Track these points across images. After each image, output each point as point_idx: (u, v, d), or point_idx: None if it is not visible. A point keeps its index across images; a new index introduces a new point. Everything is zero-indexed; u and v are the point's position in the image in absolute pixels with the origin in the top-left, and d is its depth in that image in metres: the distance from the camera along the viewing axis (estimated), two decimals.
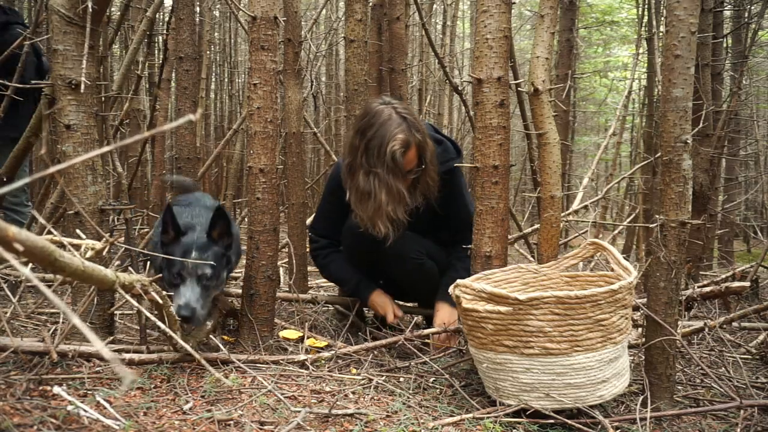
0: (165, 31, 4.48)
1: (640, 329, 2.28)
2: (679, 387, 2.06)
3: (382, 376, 2.03)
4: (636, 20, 6.77)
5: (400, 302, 2.84)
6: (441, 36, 8.09)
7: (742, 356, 2.41)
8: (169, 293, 2.01)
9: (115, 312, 2.31)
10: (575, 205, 4.48)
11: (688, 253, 3.24)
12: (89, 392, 1.67)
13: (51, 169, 0.59)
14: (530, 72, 2.20)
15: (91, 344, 1.89)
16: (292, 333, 2.44)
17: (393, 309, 2.56)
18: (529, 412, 1.72)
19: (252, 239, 2.27)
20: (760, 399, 1.91)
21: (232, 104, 9.49)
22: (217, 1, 8.31)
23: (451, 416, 1.72)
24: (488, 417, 1.71)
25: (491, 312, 1.71)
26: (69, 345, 1.87)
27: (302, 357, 2.11)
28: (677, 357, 1.99)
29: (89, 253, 1.52)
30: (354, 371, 2.07)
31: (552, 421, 1.70)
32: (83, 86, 1.98)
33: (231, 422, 1.57)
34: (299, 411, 1.62)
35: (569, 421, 1.68)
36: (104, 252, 1.63)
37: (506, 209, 2.18)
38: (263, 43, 2.18)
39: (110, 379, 1.78)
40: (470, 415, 1.73)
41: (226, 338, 2.35)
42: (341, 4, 7.92)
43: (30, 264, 1.83)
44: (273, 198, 2.27)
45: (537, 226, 2.62)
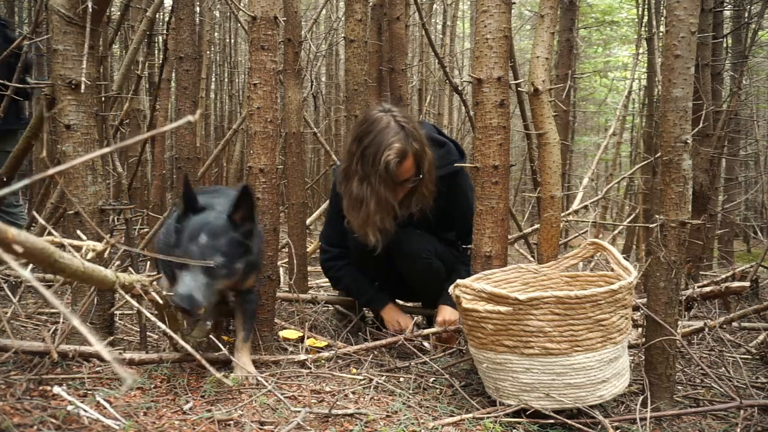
0: (165, 31, 4.48)
1: (640, 329, 2.28)
2: (679, 387, 2.06)
3: (382, 376, 2.03)
4: (636, 20, 6.77)
5: (401, 301, 2.84)
6: (441, 36, 8.08)
7: (742, 356, 2.41)
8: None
9: (115, 312, 2.31)
10: (575, 205, 4.48)
11: (688, 253, 3.24)
12: (89, 392, 1.67)
13: (51, 170, 0.59)
14: (530, 72, 2.20)
15: (91, 344, 1.89)
16: (292, 333, 2.44)
17: (404, 324, 2.53)
18: (529, 412, 1.72)
19: None
20: (760, 399, 1.91)
21: (232, 104, 9.49)
22: (217, 1, 8.31)
23: (451, 416, 1.72)
24: (488, 417, 1.71)
25: (491, 312, 1.71)
26: (69, 345, 1.87)
27: (302, 357, 2.11)
28: (677, 357, 1.99)
29: (90, 255, 1.52)
30: (354, 371, 2.07)
31: (552, 421, 1.70)
32: (83, 86, 1.98)
33: (231, 422, 1.57)
34: (299, 411, 1.62)
35: (569, 421, 1.68)
36: (105, 253, 1.63)
37: (506, 209, 2.18)
38: (263, 43, 2.18)
39: (110, 379, 1.78)
40: (470, 415, 1.73)
41: (226, 338, 2.35)
42: (341, 4, 7.91)
43: (30, 264, 1.83)
44: (273, 198, 2.27)
45: (537, 226, 2.62)
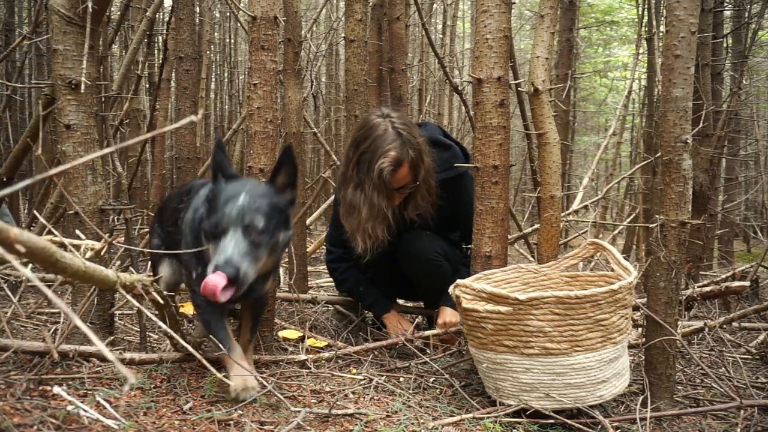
0: (165, 31, 4.48)
1: (640, 329, 2.28)
2: (679, 387, 2.06)
3: (382, 376, 2.03)
4: (636, 20, 6.77)
5: (402, 301, 2.84)
6: (441, 36, 8.08)
7: (742, 356, 2.41)
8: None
9: (115, 312, 2.31)
10: (575, 205, 4.48)
11: (688, 253, 3.24)
12: (89, 392, 1.67)
13: (52, 171, 0.60)
14: (530, 72, 2.20)
15: (91, 344, 1.89)
16: (292, 333, 2.44)
17: (404, 329, 2.52)
18: (529, 412, 1.72)
19: None
20: (760, 399, 1.91)
21: (232, 104, 9.48)
22: (217, 1, 8.30)
23: (451, 416, 1.72)
24: (488, 417, 1.71)
25: (491, 312, 1.71)
26: (69, 345, 1.87)
27: (302, 357, 2.11)
28: (677, 357, 1.99)
29: (89, 254, 1.52)
30: (354, 371, 2.07)
31: (552, 421, 1.70)
32: (83, 86, 1.98)
33: (231, 422, 1.57)
34: (299, 411, 1.62)
35: (569, 421, 1.68)
36: (103, 252, 1.63)
37: (506, 209, 2.18)
38: (263, 43, 2.18)
39: (110, 379, 1.78)
40: (470, 415, 1.73)
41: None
42: (341, 4, 7.91)
43: (30, 264, 1.83)
44: None
45: (537, 226, 2.62)
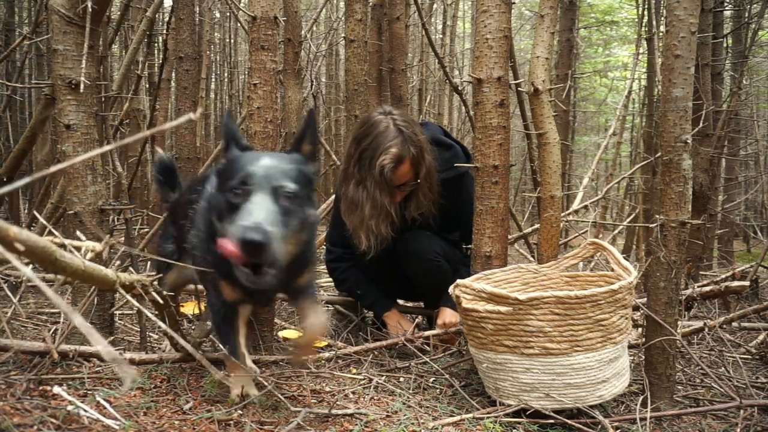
0: (165, 31, 4.48)
1: (640, 329, 2.28)
2: (679, 387, 2.06)
3: (382, 376, 2.03)
4: (636, 20, 6.77)
5: (402, 301, 2.84)
6: (441, 36, 8.08)
7: (742, 356, 2.41)
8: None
9: (115, 312, 2.31)
10: (575, 205, 4.47)
11: (688, 253, 3.24)
12: (89, 392, 1.67)
13: (51, 169, 0.60)
14: (530, 72, 2.20)
15: (91, 344, 1.88)
16: (292, 333, 2.44)
17: (405, 328, 2.52)
18: (529, 412, 1.72)
19: None
20: (760, 399, 1.91)
21: (232, 104, 9.48)
22: (217, 1, 8.30)
23: (451, 416, 1.72)
24: (488, 417, 1.71)
25: (491, 312, 1.71)
26: (69, 345, 1.87)
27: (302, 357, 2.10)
28: (677, 357, 1.99)
29: (89, 255, 1.52)
30: (354, 371, 2.07)
31: (552, 421, 1.70)
32: (83, 86, 1.98)
33: (231, 422, 1.57)
34: (299, 411, 1.62)
35: (569, 421, 1.68)
36: (104, 253, 1.63)
37: (506, 209, 2.18)
38: (263, 43, 2.18)
39: (110, 379, 1.78)
40: (470, 415, 1.73)
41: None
42: (341, 4, 7.91)
43: (30, 264, 1.83)
44: None
45: (537, 226, 2.61)
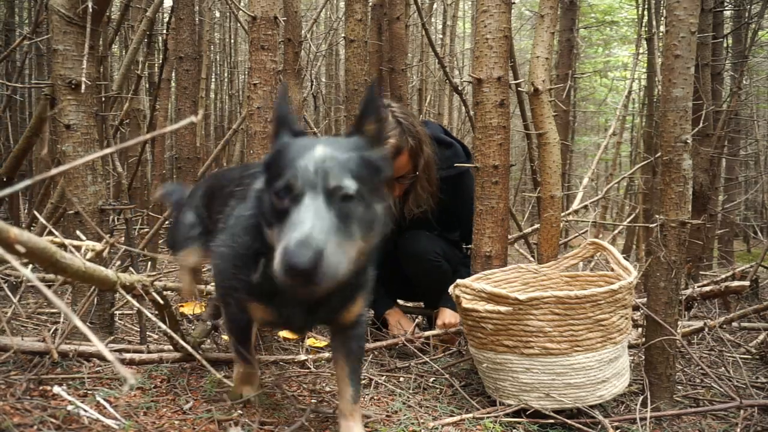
0: (165, 31, 4.48)
1: (640, 329, 2.28)
2: (679, 387, 2.06)
3: (382, 376, 2.03)
4: (636, 20, 6.77)
5: (402, 301, 2.84)
6: (441, 36, 8.08)
7: (742, 356, 2.41)
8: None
9: (115, 312, 2.31)
10: (575, 205, 4.47)
11: (688, 253, 3.24)
12: (89, 392, 1.66)
13: (52, 171, 0.60)
14: (530, 72, 2.20)
15: (91, 344, 1.89)
16: (289, 333, 2.43)
17: (407, 328, 2.52)
18: (529, 412, 1.72)
19: None
20: (760, 399, 1.91)
21: (232, 104, 9.48)
22: (217, 1, 8.30)
23: (451, 416, 1.72)
24: (488, 417, 1.71)
25: (491, 312, 1.71)
26: (69, 345, 1.87)
27: (302, 357, 2.11)
28: (677, 357, 1.99)
29: (89, 255, 1.52)
30: None
31: (552, 421, 1.70)
32: (83, 86, 1.98)
33: (231, 422, 1.57)
34: (304, 410, 1.62)
35: (569, 421, 1.68)
36: (104, 253, 1.63)
37: (506, 209, 2.18)
38: (263, 43, 2.18)
39: (110, 379, 1.78)
40: (470, 415, 1.73)
41: (226, 338, 2.35)
42: (341, 4, 7.91)
43: (30, 264, 1.83)
44: None
45: (537, 226, 2.62)
